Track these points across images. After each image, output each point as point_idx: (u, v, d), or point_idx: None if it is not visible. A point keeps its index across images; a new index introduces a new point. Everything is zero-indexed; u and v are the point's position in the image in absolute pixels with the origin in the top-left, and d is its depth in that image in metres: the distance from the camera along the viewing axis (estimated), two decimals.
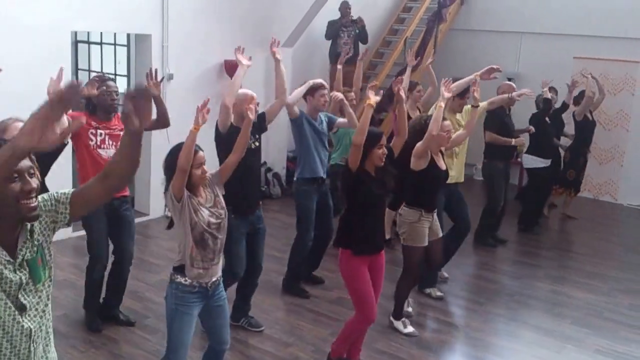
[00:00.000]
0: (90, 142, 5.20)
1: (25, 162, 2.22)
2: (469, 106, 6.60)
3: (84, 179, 5.14)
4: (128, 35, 10.65)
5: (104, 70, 12.43)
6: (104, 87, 5.23)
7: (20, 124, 3.46)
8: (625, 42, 10.75)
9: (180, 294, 4.04)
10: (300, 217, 6.48)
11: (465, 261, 7.08)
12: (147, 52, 8.42)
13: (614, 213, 10.88)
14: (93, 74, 12.76)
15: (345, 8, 10.55)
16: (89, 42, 12.40)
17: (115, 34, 11.10)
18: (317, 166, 6.37)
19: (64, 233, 7.32)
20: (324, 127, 6.49)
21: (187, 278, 4.02)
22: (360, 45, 10.77)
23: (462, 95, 6.80)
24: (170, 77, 8.47)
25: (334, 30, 10.56)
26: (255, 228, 5.54)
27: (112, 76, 12.45)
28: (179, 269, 4.07)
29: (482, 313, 6.48)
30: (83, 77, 12.95)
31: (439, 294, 6.63)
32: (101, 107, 5.25)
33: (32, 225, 2.33)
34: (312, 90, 6.33)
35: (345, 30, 10.57)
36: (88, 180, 2.50)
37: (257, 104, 5.26)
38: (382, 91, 5.16)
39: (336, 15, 10.59)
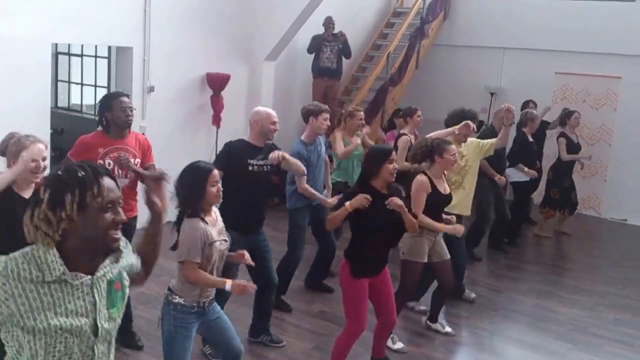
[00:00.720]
0: None
1: (117, 192, 2.28)
2: (473, 139, 6.74)
3: None
4: (109, 48, 10.57)
5: (84, 82, 12.34)
6: (119, 103, 5.07)
7: (41, 145, 3.67)
8: (607, 57, 10.81)
9: (179, 315, 3.93)
10: (290, 235, 6.46)
11: None
12: (128, 64, 8.32)
13: (598, 227, 10.88)
14: (73, 86, 12.79)
15: (328, 23, 10.52)
16: (69, 54, 12.31)
17: (96, 46, 11.00)
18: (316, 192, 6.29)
19: None
20: (322, 150, 6.49)
21: (185, 298, 3.95)
22: (344, 59, 10.78)
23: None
24: (151, 89, 8.39)
25: (316, 45, 10.52)
26: (260, 246, 5.41)
27: (93, 87, 12.36)
28: (175, 290, 3.99)
29: (466, 327, 6.41)
30: (63, 88, 12.88)
31: (422, 307, 6.55)
32: (115, 124, 5.07)
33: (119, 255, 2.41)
34: (316, 113, 6.28)
35: (328, 45, 10.54)
36: None
37: (276, 123, 5.33)
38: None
39: (320, 29, 10.56)
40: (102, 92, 12.16)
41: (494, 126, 7.83)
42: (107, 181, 2.23)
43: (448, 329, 6.17)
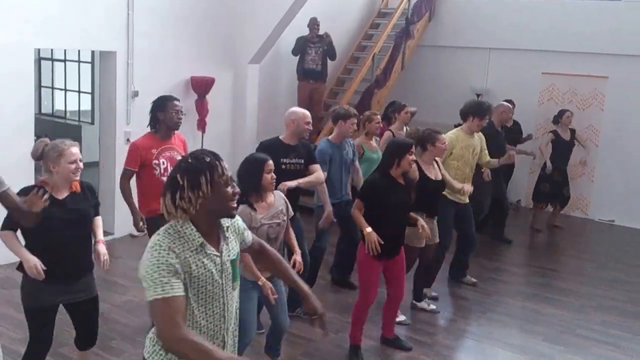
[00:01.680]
0: (155, 172, 5.41)
1: (230, 172, 2.76)
2: (480, 135, 7.11)
3: (147, 200, 5.42)
4: (92, 52, 10.49)
5: (67, 87, 12.24)
6: (172, 105, 5.41)
7: (76, 148, 4.10)
8: (593, 57, 10.80)
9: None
10: (316, 227, 6.69)
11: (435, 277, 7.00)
12: (112, 69, 8.26)
13: (585, 229, 10.87)
14: (56, 92, 12.70)
15: (313, 24, 10.49)
16: (52, 59, 12.22)
17: (79, 50, 10.90)
18: (338, 190, 6.61)
19: None
20: (349, 153, 6.72)
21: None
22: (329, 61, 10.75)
23: (482, 116, 6.91)
24: (135, 94, 8.32)
25: (301, 46, 10.48)
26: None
27: (76, 92, 12.27)
28: None
29: (453, 330, 6.38)
30: (46, 94, 12.77)
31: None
32: (166, 125, 5.42)
33: (229, 235, 2.90)
34: (345, 117, 6.51)
35: (312, 47, 10.50)
36: (149, 199, 4.88)
37: (310, 124, 5.89)
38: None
39: (305, 31, 10.52)
40: (86, 98, 12.11)
41: (493, 121, 7.85)
42: (224, 163, 2.72)
43: (433, 307, 6.57)
